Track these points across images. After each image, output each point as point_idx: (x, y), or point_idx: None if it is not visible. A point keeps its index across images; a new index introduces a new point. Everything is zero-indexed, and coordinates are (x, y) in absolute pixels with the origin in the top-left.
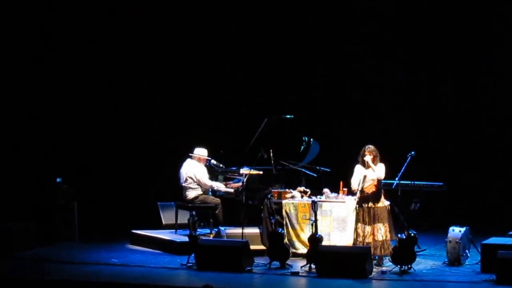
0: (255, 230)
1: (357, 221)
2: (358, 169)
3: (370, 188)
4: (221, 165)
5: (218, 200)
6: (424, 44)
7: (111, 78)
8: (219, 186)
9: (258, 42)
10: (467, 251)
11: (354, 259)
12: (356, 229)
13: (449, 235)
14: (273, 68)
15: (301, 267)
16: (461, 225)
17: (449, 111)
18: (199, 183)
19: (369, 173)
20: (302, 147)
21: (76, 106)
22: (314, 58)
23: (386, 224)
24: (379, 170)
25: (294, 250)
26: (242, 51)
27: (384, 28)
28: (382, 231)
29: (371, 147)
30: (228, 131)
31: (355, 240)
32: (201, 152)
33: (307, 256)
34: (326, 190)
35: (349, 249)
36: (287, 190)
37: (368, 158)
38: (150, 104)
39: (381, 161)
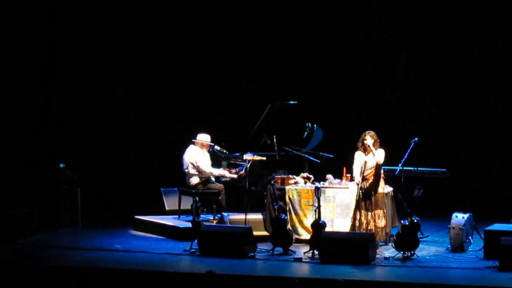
0: (258, 216)
1: (359, 208)
2: (359, 156)
3: (370, 175)
4: (224, 151)
5: (221, 186)
6: (425, 33)
7: (114, 64)
8: (220, 172)
9: (260, 27)
10: (470, 237)
11: (357, 245)
12: (355, 216)
13: (452, 221)
14: (277, 53)
15: (304, 253)
16: (464, 211)
17: (452, 97)
18: (198, 170)
19: (369, 159)
20: (306, 133)
21: (79, 92)
22: (317, 43)
23: (385, 211)
24: (378, 155)
25: (297, 236)
26: (244, 36)
27: (386, 16)
28: (382, 218)
29: (372, 132)
30: (231, 117)
31: (355, 227)
32: (204, 138)
33: (310, 242)
34: (329, 176)
35: (352, 235)
36: (290, 176)
37: (369, 141)
38: (154, 90)
39: (381, 146)
